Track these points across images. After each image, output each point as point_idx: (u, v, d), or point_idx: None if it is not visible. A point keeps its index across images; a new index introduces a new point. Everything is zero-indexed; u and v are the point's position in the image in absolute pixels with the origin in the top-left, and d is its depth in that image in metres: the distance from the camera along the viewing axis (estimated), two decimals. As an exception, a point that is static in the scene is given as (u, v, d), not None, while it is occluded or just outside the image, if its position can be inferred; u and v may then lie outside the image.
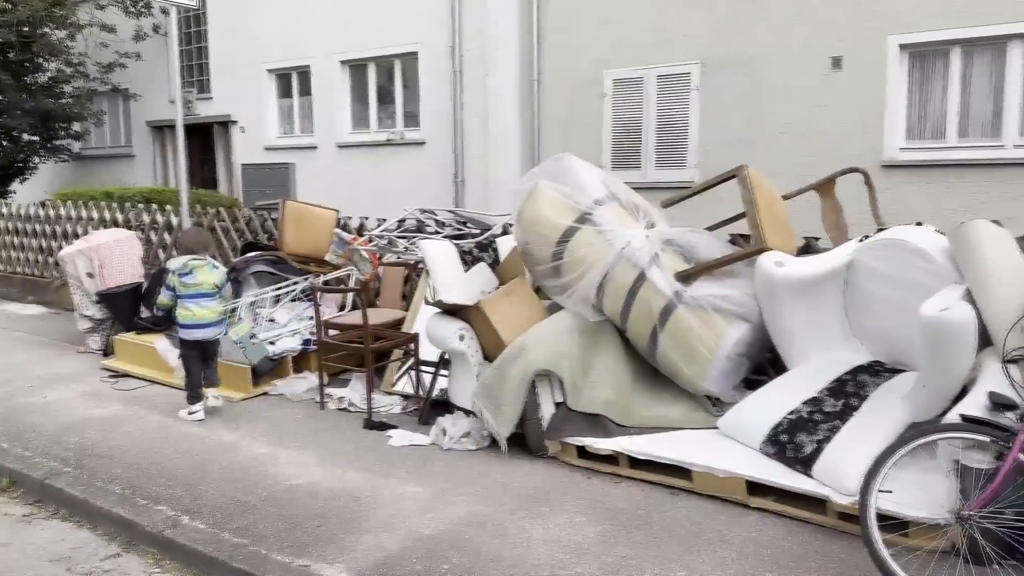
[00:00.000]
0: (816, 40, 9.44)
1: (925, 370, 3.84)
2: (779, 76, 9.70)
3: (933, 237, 4.25)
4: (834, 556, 3.68)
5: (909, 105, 9.19)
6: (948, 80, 8.95)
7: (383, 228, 7.46)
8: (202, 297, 5.79)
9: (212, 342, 5.98)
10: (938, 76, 9.04)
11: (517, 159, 11.77)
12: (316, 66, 14.05)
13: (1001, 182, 8.38)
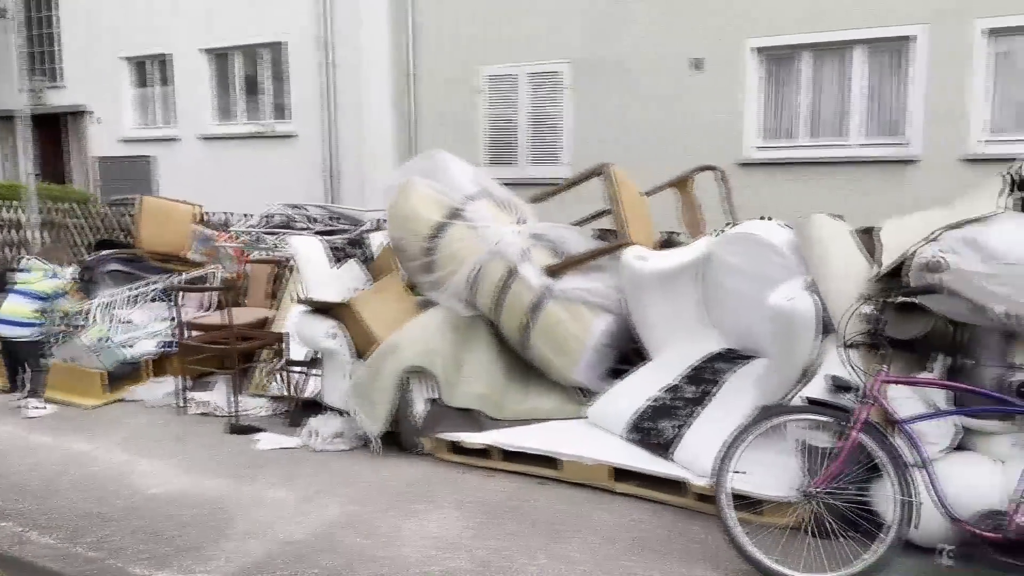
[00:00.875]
0: (679, 42, 9.82)
1: (773, 356, 4.08)
2: (646, 76, 10.03)
3: (779, 231, 4.52)
4: (693, 536, 3.87)
5: (764, 106, 9.71)
6: (799, 83, 9.51)
7: (248, 224, 7.21)
8: (23, 295, 5.66)
9: (22, 345, 5.70)
10: (790, 79, 9.59)
11: (393, 154, 11.64)
12: (178, 55, 13.39)
13: (847, 178, 8.99)
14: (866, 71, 9.17)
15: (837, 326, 3.88)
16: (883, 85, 9.13)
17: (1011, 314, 3.37)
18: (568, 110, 10.68)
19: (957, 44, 8.51)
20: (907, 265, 3.64)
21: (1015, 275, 3.33)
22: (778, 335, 4.00)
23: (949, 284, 3.47)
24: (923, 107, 8.75)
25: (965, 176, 8.16)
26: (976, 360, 3.64)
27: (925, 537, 3.44)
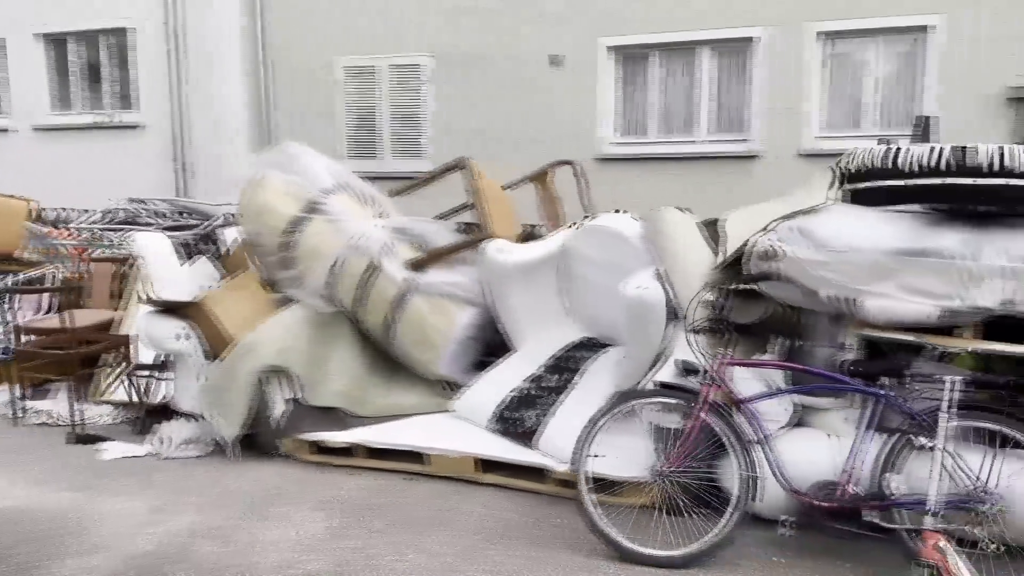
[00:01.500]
0: (538, 38, 9.98)
1: (627, 343, 4.24)
2: (507, 71, 10.14)
3: (632, 223, 4.69)
4: (556, 521, 3.96)
5: (619, 103, 10.04)
6: (650, 81, 9.90)
7: (90, 220, 6.75)
8: None
9: None
10: (642, 77, 9.96)
11: (248, 147, 11.20)
12: (11, 40, 12.33)
13: (697, 173, 9.44)
14: (712, 71, 9.66)
15: (685, 313, 4.07)
16: (728, 84, 9.65)
17: (839, 298, 3.64)
18: (430, 103, 10.65)
19: (794, 46, 9.11)
20: (746, 254, 3.86)
21: (842, 262, 3.60)
22: (631, 323, 4.16)
23: (783, 271, 3.71)
24: (764, 105, 9.31)
25: (802, 170, 8.72)
26: (810, 342, 3.91)
27: (768, 509, 3.67)
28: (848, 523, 3.43)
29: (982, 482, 3.29)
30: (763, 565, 3.49)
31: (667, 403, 3.75)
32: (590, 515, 3.60)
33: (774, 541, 3.63)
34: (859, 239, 3.61)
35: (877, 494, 3.39)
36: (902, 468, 3.42)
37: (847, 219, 3.75)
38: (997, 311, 3.44)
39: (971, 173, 3.39)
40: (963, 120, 8.40)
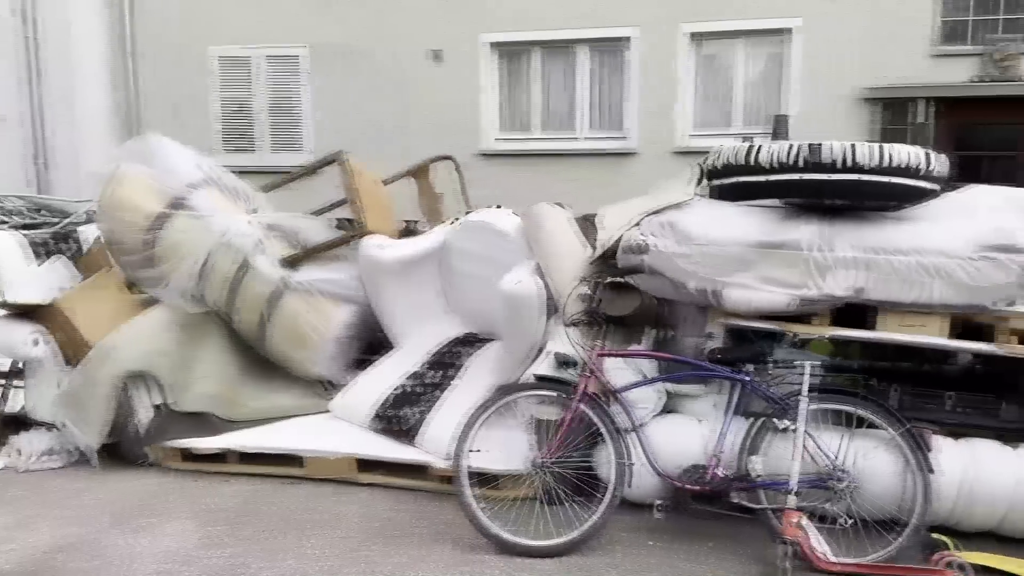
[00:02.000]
0: (417, 32, 9.91)
1: (506, 337, 4.27)
2: (387, 64, 10.01)
3: (509, 219, 4.73)
4: (438, 517, 3.94)
5: (502, 99, 10.10)
6: (531, 78, 10.00)
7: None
8: None
9: None
10: (524, 74, 10.06)
11: (112, 141, 10.59)
12: None
13: (576, 169, 9.61)
14: (590, 69, 9.87)
15: (561, 306, 4.15)
16: (606, 83, 9.88)
17: (704, 289, 3.79)
18: (308, 96, 10.40)
19: (666, 46, 9.41)
20: (618, 248, 3.96)
21: (705, 254, 3.76)
22: (509, 317, 4.19)
23: (651, 264, 3.84)
24: (640, 104, 9.59)
25: (677, 167, 9.01)
26: (678, 331, 4.06)
27: (640, 495, 3.78)
28: (716, 505, 3.59)
29: (838, 461, 3.50)
30: (637, 548, 3.59)
31: (545, 395, 3.81)
32: (471, 510, 3.60)
33: (647, 525, 3.74)
34: (721, 233, 3.77)
35: (742, 476, 3.55)
36: (765, 450, 3.59)
37: (711, 214, 3.91)
38: (848, 299, 3.67)
39: (823, 169, 3.59)
40: (823, 119, 8.92)
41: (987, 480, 3.45)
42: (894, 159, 3.50)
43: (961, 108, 8.77)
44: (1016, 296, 3.47)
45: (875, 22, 8.80)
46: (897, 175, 3.52)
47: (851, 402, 3.59)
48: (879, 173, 3.51)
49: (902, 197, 3.62)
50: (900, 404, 3.92)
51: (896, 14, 8.77)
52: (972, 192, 3.86)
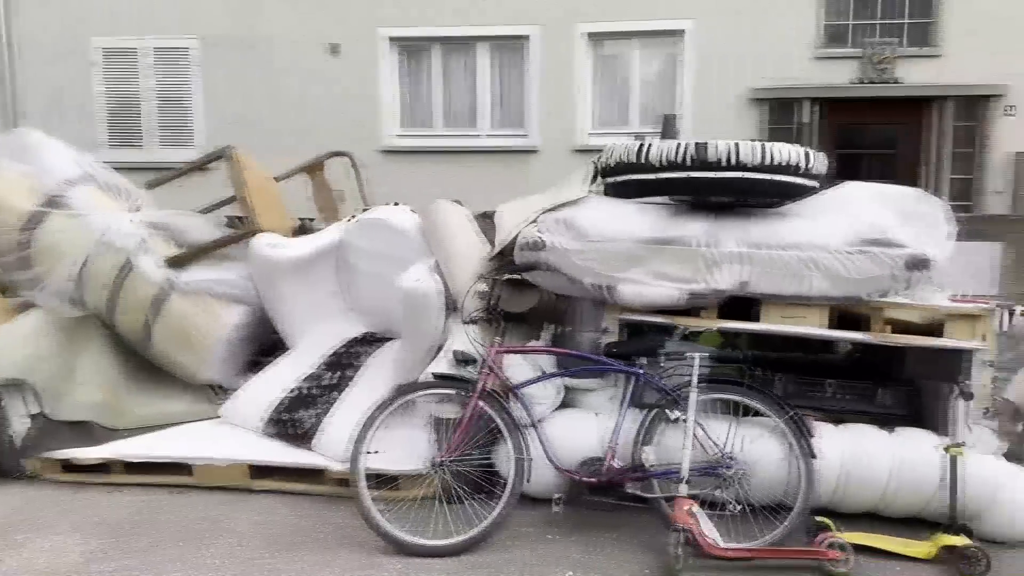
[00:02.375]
0: (313, 25, 9.71)
1: (405, 336, 4.23)
2: (283, 57, 9.78)
3: (407, 216, 4.68)
4: (336, 522, 3.86)
5: (403, 95, 10.02)
6: (432, 74, 9.95)
7: None
8: None
9: None
10: (425, 70, 10.00)
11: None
12: None
13: (479, 166, 9.63)
14: (491, 67, 9.89)
15: (460, 304, 4.14)
16: (507, 81, 9.93)
17: (597, 285, 3.85)
18: (199, 89, 10.04)
19: (565, 46, 9.54)
20: (515, 246, 3.98)
21: (599, 251, 3.82)
22: (408, 315, 4.15)
23: (548, 261, 3.87)
24: (541, 102, 9.68)
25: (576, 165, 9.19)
26: (575, 327, 4.11)
27: (540, 489, 3.82)
28: (613, 496, 3.64)
29: (727, 449, 3.62)
30: (537, 543, 3.61)
31: (443, 393, 3.79)
32: (368, 512, 3.55)
33: (547, 519, 3.77)
34: (614, 229, 3.84)
35: (636, 466, 3.62)
36: (658, 441, 3.68)
37: (605, 211, 3.98)
38: (734, 292, 3.80)
39: (710, 167, 3.70)
40: (718, 118, 9.24)
41: (865, 463, 3.63)
42: (775, 157, 3.64)
43: (843, 108, 9.25)
44: (889, 287, 3.67)
45: (763, 25, 9.17)
46: (778, 173, 3.67)
47: (738, 392, 3.72)
48: (762, 171, 3.65)
49: (784, 194, 3.77)
50: (784, 392, 4.10)
51: (782, 17, 9.16)
52: (848, 189, 4.06)
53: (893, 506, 3.69)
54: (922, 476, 3.56)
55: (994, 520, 3.58)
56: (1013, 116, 8.92)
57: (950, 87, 8.95)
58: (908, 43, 9.15)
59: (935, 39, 9.07)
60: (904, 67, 9.07)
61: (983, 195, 9.00)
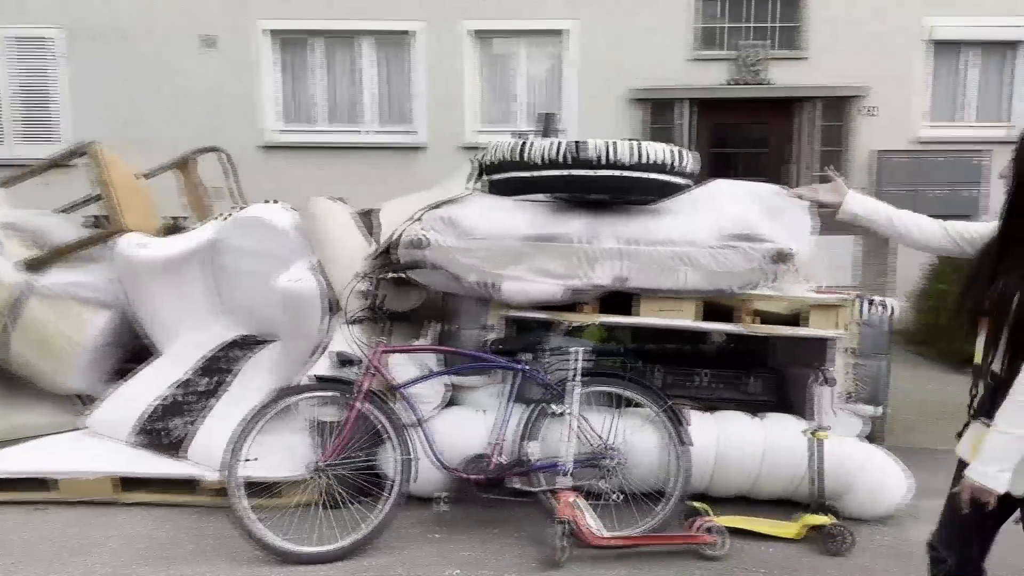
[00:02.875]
0: (189, 16, 9.30)
1: (284, 338, 4.11)
2: (157, 50, 9.31)
3: (285, 214, 4.54)
4: (212, 533, 3.71)
5: (284, 89, 9.73)
6: (314, 69, 9.72)
7: None
8: None
9: None
10: (307, 64, 9.74)
11: None
12: None
13: (364, 163, 9.47)
14: (375, 62, 9.76)
15: (341, 304, 4.05)
16: (392, 76, 9.81)
17: (481, 282, 3.86)
18: (64, 82, 9.44)
19: (450, 42, 9.50)
20: (398, 243, 3.93)
21: (482, 248, 3.82)
22: (287, 316, 4.04)
23: (431, 259, 3.84)
24: (427, 99, 9.61)
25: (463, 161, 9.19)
26: (460, 325, 4.10)
27: (427, 488, 3.79)
28: (498, 491, 3.67)
29: (608, 440, 3.70)
30: (423, 543, 3.59)
31: (325, 396, 3.70)
32: (245, 522, 3.43)
33: (432, 518, 3.76)
34: (497, 227, 3.85)
35: (521, 461, 3.65)
36: (542, 435, 3.73)
37: (487, 208, 3.98)
38: (613, 287, 3.88)
39: (588, 166, 3.76)
40: (601, 117, 9.42)
41: (737, 449, 3.79)
42: (649, 156, 3.73)
43: (717, 109, 9.61)
44: (756, 280, 3.83)
45: (641, 28, 9.41)
46: (652, 171, 3.76)
47: (617, 384, 3.81)
48: (636, 169, 3.73)
49: (658, 191, 3.88)
50: (662, 383, 4.24)
51: (659, 20, 9.43)
52: (716, 186, 4.21)
53: (764, 489, 3.87)
54: (789, 459, 3.74)
55: (856, 499, 3.80)
56: (874, 116, 9.50)
57: (816, 88, 9.43)
58: (777, 46, 9.59)
59: (802, 42, 9.54)
60: (774, 69, 9.50)
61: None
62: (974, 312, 2.09)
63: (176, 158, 5.57)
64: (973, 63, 9.75)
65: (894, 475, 3.82)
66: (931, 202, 9.38)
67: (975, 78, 9.78)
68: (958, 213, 9.17)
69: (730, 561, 3.41)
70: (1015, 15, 9.41)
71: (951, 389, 6.26)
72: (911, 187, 9.42)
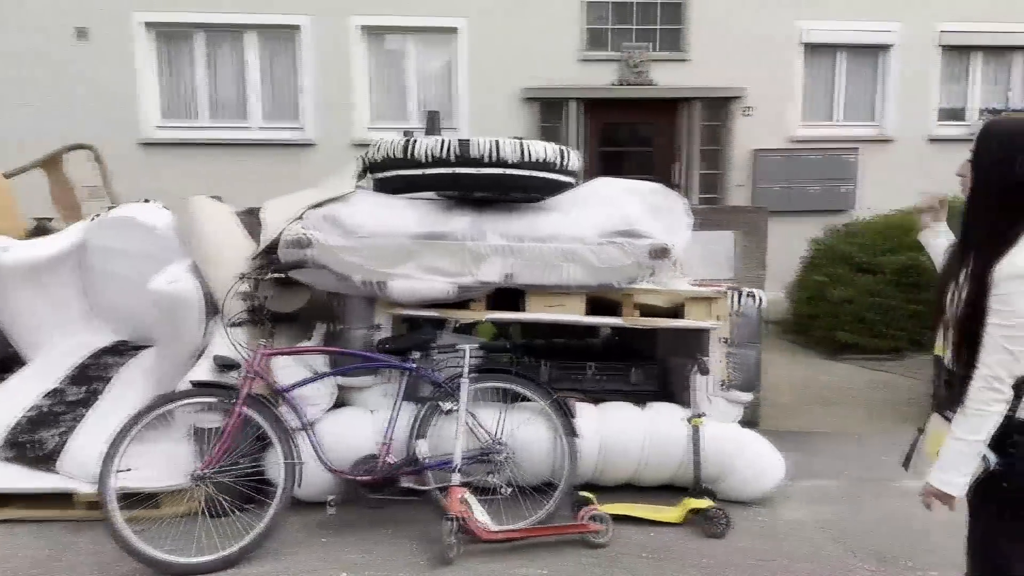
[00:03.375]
0: (60, 7, 8.80)
1: (162, 343, 3.95)
2: (27, 43, 8.76)
3: (161, 214, 4.37)
4: (88, 548, 3.55)
5: (163, 84, 9.34)
6: (197, 62, 9.37)
7: None
8: None
9: None
10: (188, 58, 9.38)
11: None
12: None
13: (250, 160, 9.20)
14: (261, 56, 9.49)
15: (222, 306, 3.93)
16: (278, 71, 9.56)
17: (367, 281, 3.82)
18: (-84, 74, 8.76)
19: (339, 37, 9.34)
20: (280, 243, 3.85)
21: (367, 247, 3.78)
22: (165, 320, 3.89)
23: (315, 258, 3.78)
24: (316, 95, 9.42)
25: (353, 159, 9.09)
26: (348, 325, 4.04)
27: (316, 492, 3.75)
28: (389, 492, 3.64)
29: (497, 435, 3.74)
30: (310, 548, 3.53)
31: (204, 402, 3.58)
32: (121, 535, 3.28)
33: (321, 522, 3.71)
34: (383, 225, 3.83)
35: (411, 460, 3.65)
36: (432, 433, 3.73)
37: (373, 206, 3.95)
38: (500, 284, 3.92)
39: (473, 163, 3.79)
40: (495, 115, 9.47)
41: (621, 438, 3.91)
42: (533, 154, 3.79)
43: (606, 108, 9.83)
44: (637, 275, 3.95)
45: (531, 28, 9.52)
46: (537, 169, 3.83)
47: (506, 379, 3.86)
48: (521, 167, 3.79)
49: (542, 189, 3.95)
50: (550, 377, 4.32)
51: (548, 20, 9.56)
52: (598, 184, 4.32)
53: (648, 476, 4.00)
54: (671, 446, 3.89)
55: (733, 482, 3.98)
56: (751, 116, 9.93)
57: (697, 89, 9.79)
58: (660, 48, 9.89)
59: (684, 44, 9.87)
60: (658, 70, 9.80)
61: (728, 189, 9.96)
62: (936, 310, 2.14)
63: (42, 156, 5.25)
64: (844, 66, 10.33)
65: (769, 458, 4.02)
66: (807, 198, 9.92)
67: (846, 80, 10.37)
68: (833, 208, 9.74)
69: (616, 547, 3.52)
70: (883, 19, 10.02)
71: (824, 377, 6.68)
72: (787, 184, 9.93)
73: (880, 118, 10.30)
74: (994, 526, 2.06)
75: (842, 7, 9.99)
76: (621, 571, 3.32)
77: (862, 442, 4.94)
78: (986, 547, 2.10)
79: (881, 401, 5.95)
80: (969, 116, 10.39)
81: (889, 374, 6.73)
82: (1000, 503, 2.01)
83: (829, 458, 4.60)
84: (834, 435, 5.06)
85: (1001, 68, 10.51)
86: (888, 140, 10.17)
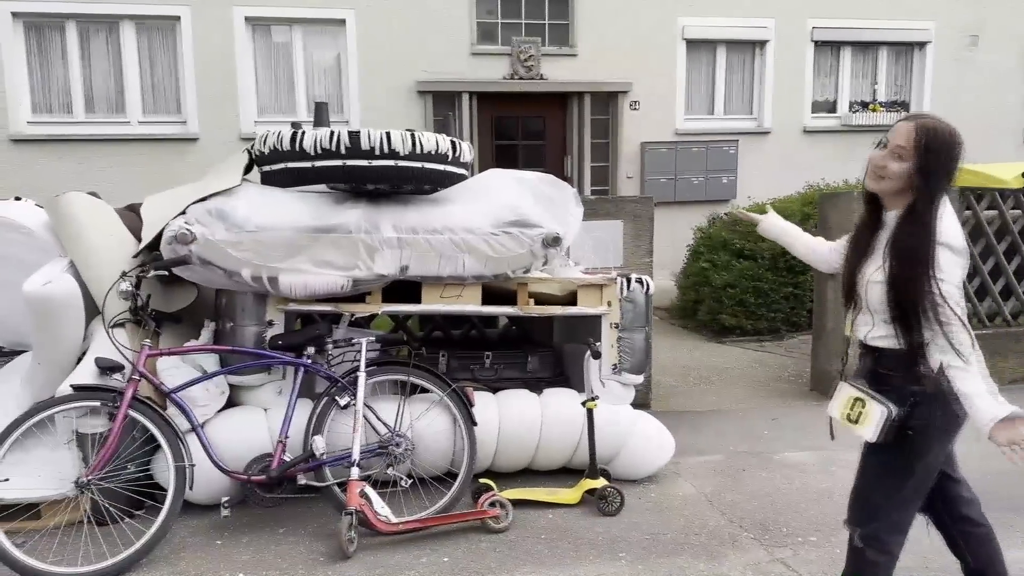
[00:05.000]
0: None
1: (37, 346, 3.76)
2: None
3: (33, 212, 4.12)
4: (-37, 567, 3.34)
5: (33, 78, 8.82)
6: (70, 55, 8.89)
7: None
8: None
9: None
10: (60, 50, 8.89)
11: None
12: None
13: (130, 156, 8.82)
14: (139, 48, 9.10)
15: (101, 307, 3.77)
16: (158, 64, 9.20)
17: (256, 276, 3.75)
18: None
19: (222, 29, 9.06)
20: (163, 240, 3.72)
21: (256, 240, 3.71)
22: (40, 323, 3.68)
23: (199, 254, 3.67)
24: (198, 88, 9.11)
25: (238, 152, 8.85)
26: (238, 322, 3.95)
27: (209, 494, 3.66)
28: (286, 490, 3.59)
29: (396, 428, 3.74)
30: (203, 551, 3.44)
31: (86, 406, 3.44)
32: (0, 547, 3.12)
33: (215, 525, 3.63)
34: (273, 219, 3.76)
35: (308, 457, 3.60)
36: (329, 428, 3.70)
37: (261, 200, 3.87)
38: (396, 277, 3.92)
39: (363, 155, 3.76)
40: (388, 108, 9.41)
41: (519, 424, 3.98)
42: (425, 146, 3.80)
43: (498, 102, 9.93)
44: (530, 264, 4.03)
45: (421, 21, 9.50)
46: (428, 161, 3.84)
47: (404, 371, 3.87)
48: (413, 159, 3.79)
49: (434, 181, 3.96)
50: (448, 367, 4.35)
51: (439, 14, 9.57)
52: (491, 175, 4.38)
53: (546, 460, 4.10)
54: (566, 430, 4.00)
55: (625, 461, 4.13)
56: (637, 111, 10.24)
57: (586, 84, 10.02)
58: (549, 43, 10.06)
59: (571, 39, 10.08)
60: (548, 65, 9.96)
61: (618, 181, 10.25)
62: (846, 294, 2.36)
63: None
64: (724, 61, 10.79)
65: (658, 437, 4.18)
66: (692, 188, 10.32)
67: (725, 75, 10.83)
68: (717, 199, 10.17)
69: (515, 531, 3.59)
70: (759, 16, 10.51)
71: (710, 359, 6.98)
72: (673, 175, 10.29)
73: (758, 111, 10.81)
74: (886, 468, 2.27)
75: (721, 4, 10.42)
76: (520, 554, 3.39)
77: (744, 418, 5.21)
78: (871, 490, 2.32)
79: (762, 379, 6.28)
80: (840, 109, 11.05)
81: (768, 353, 7.11)
82: (898, 448, 2.22)
83: (714, 435, 4.83)
84: (718, 413, 5.31)
85: (868, 62, 11.22)
86: (766, 132, 10.70)
